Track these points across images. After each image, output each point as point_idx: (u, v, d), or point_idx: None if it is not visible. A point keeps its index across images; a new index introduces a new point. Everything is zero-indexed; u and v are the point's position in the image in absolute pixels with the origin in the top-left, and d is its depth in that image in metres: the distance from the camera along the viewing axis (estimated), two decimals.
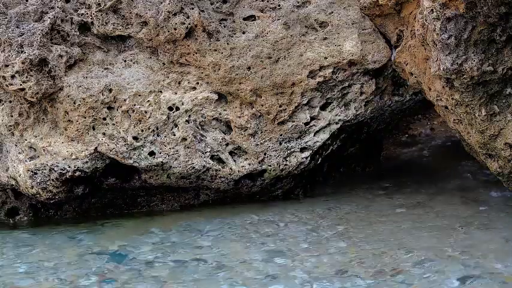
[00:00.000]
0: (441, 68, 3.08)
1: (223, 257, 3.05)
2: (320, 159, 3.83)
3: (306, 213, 3.60)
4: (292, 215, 3.58)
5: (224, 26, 3.61)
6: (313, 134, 3.72)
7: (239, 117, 3.63)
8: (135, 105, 3.55)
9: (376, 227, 3.32)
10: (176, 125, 3.59)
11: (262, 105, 3.62)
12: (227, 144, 3.65)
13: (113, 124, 3.54)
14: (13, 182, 3.60)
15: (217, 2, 3.62)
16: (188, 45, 3.56)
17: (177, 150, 3.58)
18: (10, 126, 3.57)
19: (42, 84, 3.44)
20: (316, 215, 3.56)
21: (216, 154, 3.65)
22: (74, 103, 3.50)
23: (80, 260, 3.09)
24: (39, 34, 3.43)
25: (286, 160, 3.70)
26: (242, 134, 3.64)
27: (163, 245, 3.24)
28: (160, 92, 3.58)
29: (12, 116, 3.56)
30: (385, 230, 3.28)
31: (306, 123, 3.70)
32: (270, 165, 3.68)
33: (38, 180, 3.50)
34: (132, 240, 3.30)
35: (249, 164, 3.66)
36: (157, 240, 3.31)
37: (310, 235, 3.28)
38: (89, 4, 3.55)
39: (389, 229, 3.28)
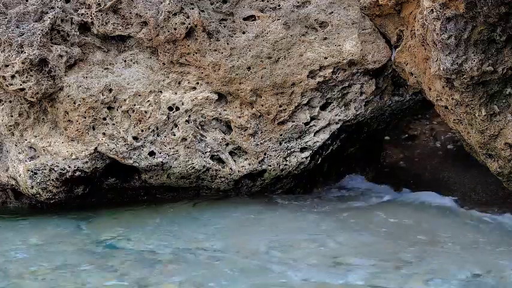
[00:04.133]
0: (441, 68, 3.08)
1: (222, 246, 3.07)
2: (320, 159, 3.83)
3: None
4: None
5: (224, 26, 3.61)
6: (313, 134, 3.72)
7: (239, 117, 3.63)
8: (135, 105, 3.55)
9: (373, 239, 3.27)
10: (176, 125, 3.59)
11: (262, 105, 3.62)
12: (227, 144, 3.65)
13: (113, 124, 3.54)
14: (13, 182, 3.60)
15: (217, 2, 3.62)
16: (188, 45, 3.56)
17: (177, 150, 3.59)
18: (10, 126, 3.57)
19: (42, 84, 3.44)
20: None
21: (216, 154, 3.65)
22: (74, 103, 3.50)
23: (79, 247, 3.11)
24: (39, 34, 3.43)
25: (286, 160, 3.70)
26: (242, 134, 3.64)
27: (163, 234, 3.26)
28: (160, 92, 3.59)
29: (12, 116, 3.56)
30: (379, 245, 3.22)
31: (306, 123, 3.70)
32: (270, 165, 3.68)
33: (38, 180, 3.50)
34: (132, 230, 3.32)
35: (249, 164, 3.66)
36: (158, 230, 3.33)
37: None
38: (89, 4, 3.55)
39: (384, 242, 3.22)
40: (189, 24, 3.52)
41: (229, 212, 3.63)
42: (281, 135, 3.67)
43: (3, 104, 3.57)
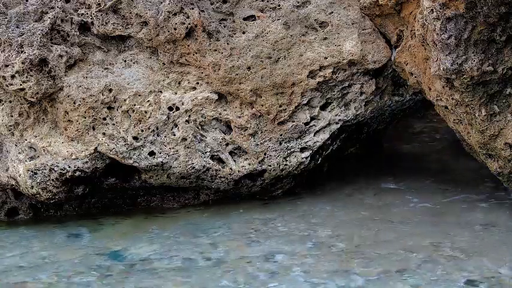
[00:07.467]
0: (441, 68, 3.09)
1: (223, 254, 3.06)
2: (320, 159, 3.83)
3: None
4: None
5: (224, 26, 3.61)
6: (313, 134, 3.72)
7: (239, 117, 3.63)
8: (135, 105, 3.55)
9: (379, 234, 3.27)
10: (176, 125, 3.59)
11: (262, 105, 3.62)
12: (227, 144, 3.65)
13: (113, 124, 3.54)
14: (13, 182, 3.60)
15: (217, 2, 3.62)
16: (188, 45, 3.56)
17: (177, 150, 3.59)
18: (10, 126, 3.57)
19: (42, 84, 3.44)
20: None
21: (216, 154, 3.65)
22: (74, 103, 3.50)
23: (80, 258, 3.10)
24: (39, 34, 3.43)
25: (286, 160, 3.70)
26: (242, 134, 3.64)
27: (163, 243, 3.25)
28: (160, 92, 3.59)
29: (12, 116, 3.56)
30: (387, 239, 3.22)
31: (306, 123, 3.70)
32: (270, 165, 3.68)
33: (38, 180, 3.50)
34: (132, 239, 3.31)
35: (249, 164, 3.66)
36: (158, 239, 3.32)
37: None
38: (89, 4, 3.56)
39: (391, 237, 3.22)
40: (189, 24, 3.52)
41: (230, 216, 3.63)
42: (281, 135, 3.67)
43: (3, 104, 3.57)
